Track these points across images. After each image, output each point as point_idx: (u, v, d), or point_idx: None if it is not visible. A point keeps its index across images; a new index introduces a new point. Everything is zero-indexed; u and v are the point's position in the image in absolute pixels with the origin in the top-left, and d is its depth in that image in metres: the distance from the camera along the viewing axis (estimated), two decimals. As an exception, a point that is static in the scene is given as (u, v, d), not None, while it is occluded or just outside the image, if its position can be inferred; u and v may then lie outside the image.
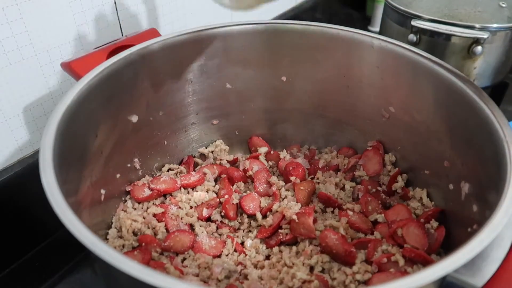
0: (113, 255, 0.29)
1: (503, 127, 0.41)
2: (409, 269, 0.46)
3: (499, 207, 0.34)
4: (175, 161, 0.64)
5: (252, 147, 0.68)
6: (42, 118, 0.59)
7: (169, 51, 0.55)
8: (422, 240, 0.48)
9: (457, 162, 0.50)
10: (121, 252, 0.47)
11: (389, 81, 0.57)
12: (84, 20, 0.59)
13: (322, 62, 0.60)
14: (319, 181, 0.60)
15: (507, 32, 0.74)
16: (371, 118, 0.61)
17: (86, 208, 0.45)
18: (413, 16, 0.76)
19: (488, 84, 0.81)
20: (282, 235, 0.53)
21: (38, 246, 0.60)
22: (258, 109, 0.66)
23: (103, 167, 0.50)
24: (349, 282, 0.45)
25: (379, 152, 0.61)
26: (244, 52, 0.60)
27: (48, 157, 0.37)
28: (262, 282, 0.46)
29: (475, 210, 0.44)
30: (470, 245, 0.31)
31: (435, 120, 0.53)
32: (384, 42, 0.55)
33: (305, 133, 0.68)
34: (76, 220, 0.32)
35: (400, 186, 0.58)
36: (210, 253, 0.51)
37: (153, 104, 0.57)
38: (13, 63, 0.53)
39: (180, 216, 0.54)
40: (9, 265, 0.58)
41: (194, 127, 0.64)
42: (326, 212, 0.56)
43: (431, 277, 0.29)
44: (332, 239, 0.48)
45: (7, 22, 0.51)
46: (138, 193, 0.56)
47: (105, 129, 0.50)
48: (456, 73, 0.49)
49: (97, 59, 0.51)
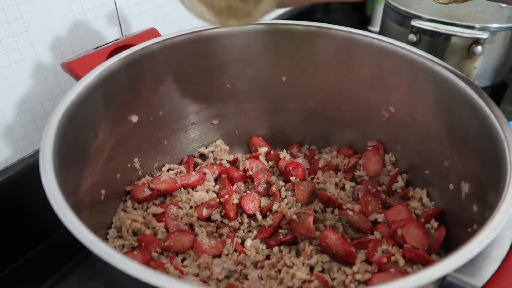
0: (113, 255, 0.29)
1: (503, 127, 0.41)
2: (409, 269, 0.46)
3: (499, 207, 0.34)
4: (175, 161, 0.64)
5: (252, 147, 0.68)
6: (42, 118, 0.59)
7: (169, 51, 0.55)
8: (422, 240, 0.48)
9: (457, 162, 0.50)
10: (121, 252, 0.47)
11: (389, 81, 0.57)
12: (84, 20, 0.59)
13: (322, 62, 0.60)
14: (319, 181, 0.60)
15: (507, 32, 0.74)
16: (371, 118, 0.61)
17: (86, 208, 0.45)
18: (413, 16, 0.76)
19: (488, 84, 0.81)
20: (282, 235, 0.53)
21: (38, 246, 0.60)
22: (258, 109, 0.66)
23: (103, 167, 0.50)
24: (349, 282, 0.45)
25: (379, 152, 0.61)
26: (244, 52, 0.60)
27: (48, 157, 0.37)
28: (262, 282, 0.46)
29: (475, 210, 0.44)
30: (470, 245, 0.31)
31: (435, 120, 0.53)
32: (384, 42, 0.55)
33: (305, 133, 0.68)
34: (76, 220, 0.32)
35: (400, 186, 0.58)
36: (210, 253, 0.51)
37: (153, 104, 0.57)
38: (13, 63, 0.53)
39: (180, 216, 0.54)
40: (9, 265, 0.58)
41: (194, 127, 0.64)
42: (326, 212, 0.56)
43: (431, 277, 0.29)
44: (332, 239, 0.48)
45: (7, 22, 0.51)
46: (138, 193, 0.56)
47: (105, 129, 0.50)
48: (456, 73, 0.49)
49: (97, 59, 0.51)
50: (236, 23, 0.42)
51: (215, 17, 0.41)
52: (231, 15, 0.41)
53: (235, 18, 0.41)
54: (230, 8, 0.40)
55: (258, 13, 0.40)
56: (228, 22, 0.42)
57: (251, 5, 0.39)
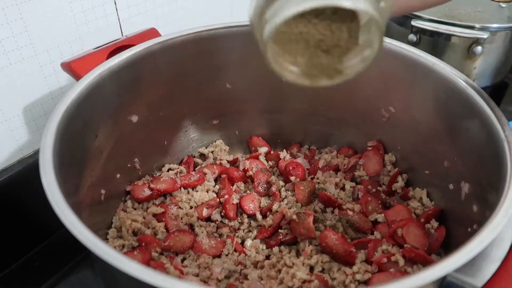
0: (113, 255, 0.29)
1: (503, 127, 0.41)
2: (409, 269, 0.46)
3: (499, 207, 0.34)
4: (175, 161, 0.64)
5: (252, 147, 0.68)
6: (42, 118, 0.59)
7: (169, 51, 0.55)
8: (422, 240, 0.48)
9: (457, 162, 0.50)
10: (121, 252, 0.47)
11: (389, 81, 0.57)
12: (84, 20, 0.59)
13: (322, 62, 0.60)
14: (319, 181, 0.60)
15: (507, 32, 0.74)
16: (371, 118, 0.61)
17: (86, 208, 0.45)
18: (413, 16, 0.76)
19: (488, 84, 0.81)
20: (282, 235, 0.53)
21: (38, 246, 0.60)
22: (258, 109, 0.66)
23: (103, 167, 0.50)
24: (349, 282, 0.45)
25: (379, 152, 0.61)
26: (244, 52, 0.60)
27: (48, 157, 0.37)
28: (262, 282, 0.46)
29: (475, 210, 0.44)
30: (470, 245, 0.31)
31: (435, 120, 0.53)
32: (384, 42, 0.55)
33: (305, 133, 0.68)
34: (76, 220, 0.32)
35: (400, 186, 0.58)
36: (210, 253, 0.51)
37: (153, 104, 0.57)
38: (13, 63, 0.53)
39: (180, 216, 0.54)
40: (9, 265, 0.58)
41: (194, 127, 0.64)
42: (326, 212, 0.56)
43: (431, 277, 0.29)
44: (332, 239, 0.48)
45: (7, 22, 0.51)
46: (138, 193, 0.56)
47: (105, 129, 0.50)
48: (456, 73, 0.49)
49: (97, 59, 0.51)
50: (329, 82, 0.35)
51: (301, 77, 0.35)
52: (320, 73, 0.35)
53: (326, 76, 0.35)
54: (316, 65, 0.35)
55: (349, 70, 0.35)
56: (319, 81, 0.35)
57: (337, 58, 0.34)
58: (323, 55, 0.34)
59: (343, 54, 0.34)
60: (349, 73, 0.35)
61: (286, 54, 0.34)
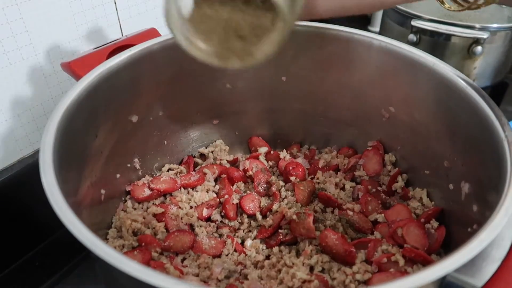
0: (113, 255, 0.29)
1: (503, 127, 0.41)
2: (409, 269, 0.46)
3: (499, 207, 0.34)
4: (175, 161, 0.64)
5: (252, 147, 0.68)
6: (42, 118, 0.59)
7: (169, 51, 0.55)
8: (422, 240, 0.48)
9: (457, 162, 0.50)
10: (121, 252, 0.47)
11: (389, 81, 0.57)
12: (84, 20, 0.59)
13: (322, 62, 0.60)
14: (319, 181, 0.60)
15: (507, 32, 0.74)
16: (371, 118, 0.61)
17: (86, 208, 0.45)
18: (413, 16, 0.76)
19: (488, 84, 0.81)
20: (282, 235, 0.53)
21: (38, 246, 0.60)
22: (258, 109, 0.66)
23: (103, 167, 0.50)
24: (349, 282, 0.45)
25: (379, 152, 0.61)
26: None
27: (48, 157, 0.37)
28: (262, 282, 0.46)
29: (475, 210, 0.44)
30: (470, 245, 0.31)
31: (435, 120, 0.53)
32: (384, 42, 0.55)
33: (305, 133, 0.68)
34: (76, 220, 0.32)
35: (400, 186, 0.58)
36: (210, 253, 0.51)
37: (153, 104, 0.57)
38: (13, 63, 0.53)
39: (180, 216, 0.54)
40: (9, 265, 0.58)
41: (194, 127, 0.64)
42: (326, 212, 0.56)
43: (431, 277, 0.29)
44: (332, 239, 0.48)
45: (7, 22, 0.51)
46: (138, 193, 0.56)
47: (105, 129, 0.50)
48: (456, 73, 0.49)
49: (97, 59, 0.51)
50: (239, 64, 0.36)
51: (214, 58, 0.36)
52: (232, 55, 0.36)
53: (237, 58, 0.36)
54: (230, 48, 0.36)
55: (259, 55, 0.35)
56: (229, 62, 0.36)
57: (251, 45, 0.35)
58: (238, 39, 0.36)
59: (259, 40, 0.35)
60: (259, 57, 0.36)
61: (199, 33, 0.36)
